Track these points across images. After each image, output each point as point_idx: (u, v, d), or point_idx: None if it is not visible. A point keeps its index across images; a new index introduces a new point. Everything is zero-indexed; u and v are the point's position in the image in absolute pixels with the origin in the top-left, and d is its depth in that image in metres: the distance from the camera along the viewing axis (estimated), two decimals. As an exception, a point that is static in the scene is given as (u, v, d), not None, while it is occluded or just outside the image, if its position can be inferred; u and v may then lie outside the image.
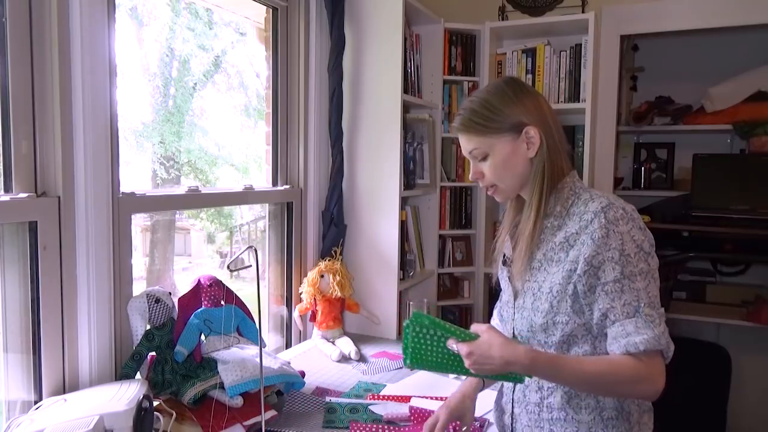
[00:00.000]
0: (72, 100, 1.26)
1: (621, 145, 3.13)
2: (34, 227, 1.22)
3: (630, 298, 1.03)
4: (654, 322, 1.01)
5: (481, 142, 1.16)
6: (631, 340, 1.02)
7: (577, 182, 1.17)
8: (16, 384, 1.25)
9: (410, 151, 2.42)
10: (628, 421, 1.11)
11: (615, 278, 1.04)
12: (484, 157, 1.17)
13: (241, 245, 2.14)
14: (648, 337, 1.01)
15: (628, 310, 1.03)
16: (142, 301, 1.41)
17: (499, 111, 1.14)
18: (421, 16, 2.40)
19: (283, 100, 2.12)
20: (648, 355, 1.02)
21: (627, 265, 1.03)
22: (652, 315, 1.02)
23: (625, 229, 1.04)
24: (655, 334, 1.01)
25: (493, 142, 1.15)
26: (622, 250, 1.03)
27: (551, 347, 1.13)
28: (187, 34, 1.85)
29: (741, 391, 2.91)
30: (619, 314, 1.04)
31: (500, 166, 1.16)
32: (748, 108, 2.81)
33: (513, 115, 1.14)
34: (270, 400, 1.46)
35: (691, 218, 2.77)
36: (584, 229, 1.07)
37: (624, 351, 1.03)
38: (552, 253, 1.13)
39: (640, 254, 1.04)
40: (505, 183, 1.18)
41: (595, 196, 1.11)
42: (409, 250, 2.43)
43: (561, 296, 1.09)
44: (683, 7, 2.54)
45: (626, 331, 1.03)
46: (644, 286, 1.03)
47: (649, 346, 1.01)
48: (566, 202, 1.14)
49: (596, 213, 1.06)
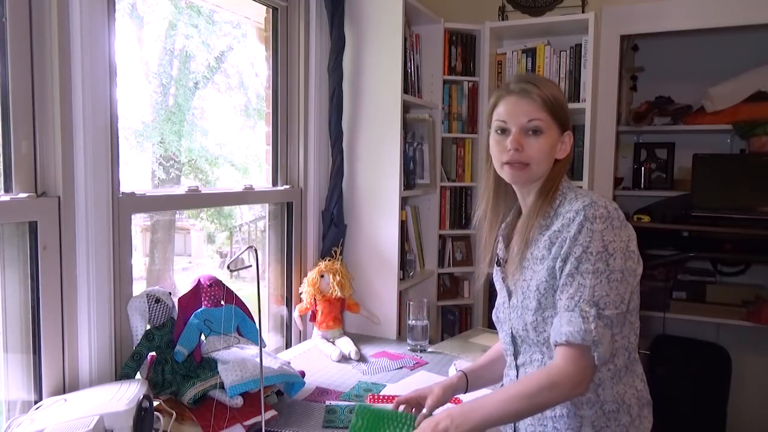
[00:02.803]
0: (72, 100, 1.26)
1: (621, 145, 3.13)
2: (34, 227, 1.22)
3: (574, 293, 1.05)
4: (586, 318, 1.03)
5: (546, 118, 1.16)
6: (559, 331, 1.05)
7: (565, 183, 1.20)
8: (16, 384, 1.24)
9: (410, 151, 2.42)
10: (629, 414, 1.12)
11: (569, 272, 1.07)
12: (537, 133, 1.15)
13: (241, 245, 2.14)
14: (573, 330, 1.03)
15: (568, 303, 1.06)
16: (142, 301, 1.41)
17: (566, 107, 1.20)
18: (421, 16, 2.40)
19: (283, 100, 2.12)
20: (571, 349, 1.04)
21: (584, 262, 1.05)
22: (587, 311, 1.03)
23: (599, 227, 1.06)
24: (581, 329, 1.02)
25: (551, 126, 1.16)
26: (586, 247, 1.05)
27: (544, 345, 1.15)
28: (188, 32, 1.85)
29: (741, 391, 2.91)
30: (562, 306, 1.07)
31: (546, 149, 1.16)
32: (748, 108, 2.81)
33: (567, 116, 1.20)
34: (270, 400, 1.46)
35: (691, 218, 2.77)
36: (566, 227, 1.10)
37: (553, 341, 1.07)
38: (538, 251, 1.15)
39: (602, 254, 1.05)
40: (540, 167, 1.17)
41: (580, 195, 1.14)
42: (409, 250, 2.43)
43: (547, 293, 1.12)
44: (683, 7, 2.54)
45: (560, 322, 1.06)
46: (592, 284, 1.04)
47: (571, 338, 1.03)
48: (554, 203, 1.17)
49: (578, 211, 1.09)
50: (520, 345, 1.22)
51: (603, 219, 1.06)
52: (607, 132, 2.67)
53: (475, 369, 1.39)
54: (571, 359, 1.04)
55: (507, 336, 1.24)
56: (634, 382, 1.14)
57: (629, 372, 1.14)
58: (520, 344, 1.22)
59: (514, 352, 1.24)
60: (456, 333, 2.66)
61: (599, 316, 1.03)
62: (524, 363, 1.21)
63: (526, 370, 1.20)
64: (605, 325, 1.04)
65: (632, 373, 1.15)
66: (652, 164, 3.20)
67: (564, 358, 1.05)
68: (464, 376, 1.36)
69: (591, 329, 1.02)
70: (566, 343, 1.04)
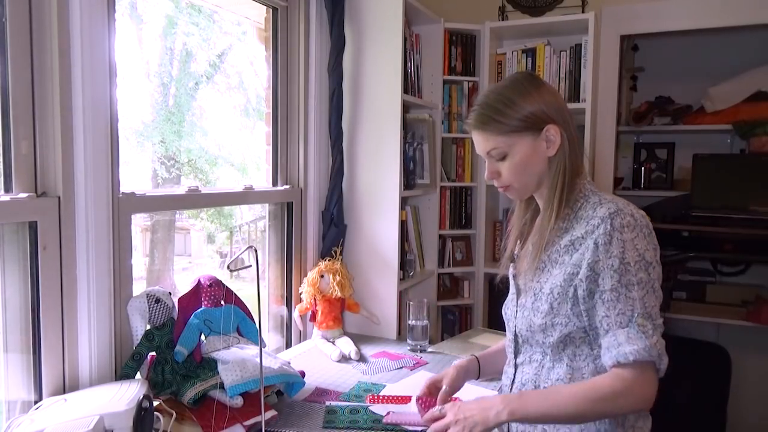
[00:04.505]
0: (72, 100, 1.26)
1: (621, 145, 3.13)
2: (34, 227, 1.22)
3: (624, 308, 1.02)
4: (647, 333, 1.00)
5: (500, 141, 1.11)
6: (622, 350, 1.00)
7: (588, 184, 1.14)
8: (16, 384, 1.24)
9: (410, 151, 2.42)
10: (622, 426, 1.09)
11: (612, 287, 1.02)
12: (503, 157, 1.13)
13: (241, 245, 2.14)
14: (638, 348, 0.99)
15: (621, 319, 1.02)
16: (142, 301, 1.41)
17: (518, 105, 1.09)
18: (421, 16, 2.40)
19: (283, 100, 2.12)
20: (638, 366, 1.00)
21: (625, 274, 1.01)
22: (645, 325, 1.00)
23: (629, 237, 1.02)
24: (645, 345, 0.99)
25: (513, 142, 1.10)
26: (622, 258, 1.02)
27: (549, 348, 1.13)
28: (188, 30, 1.85)
29: (741, 391, 2.91)
30: (612, 323, 1.02)
31: (520, 167, 1.12)
32: (748, 108, 2.81)
33: (535, 113, 1.09)
34: (270, 400, 1.46)
35: (691, 218, 2.77)
36: (590, 233, 1.06)
37: (614, 362, 1.01)
38: (556, 255, 1.12)
39: (640, 263, 1.02)
40: (522, 183, 1.14)
41: (605, 200, 1.09)
42: (409, 250, 2.43)
43: (561, 298, 1.09)
44: (683, 7, 2.54)
45: (618, 341, 1.01)
46: (641, 296, 1.01)
47: (638, 356, 0.99)
48: (575, 205, 1.12)
49: (603, 219, 1.04)
50: (521, 345, 1.21)
51: (631, 228, 1.03)
52: (607, 132, 2.67)
53: (486, 355, 1.38)
54: (638, 375, 1.00)
55: (510, 333, 1.23)
56: None
57: None
58: (521, 344, 1.21)
59: (514, 350, 1.23)
60: (456, 333, 2.66)
61: (655, 328, 1.01)
62: (523, 362, 1.20)
63: (523, 370, 1.19)
64: (660, 335, 1.02)
65: None
66: (652, 164, 3.20)
67: (631, 374, 1.00)
68: (476, 360, 1.34)
69: (654, 343, 1.00)
70: (634, 362, 1.00)
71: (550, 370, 1.13)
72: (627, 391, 1.00)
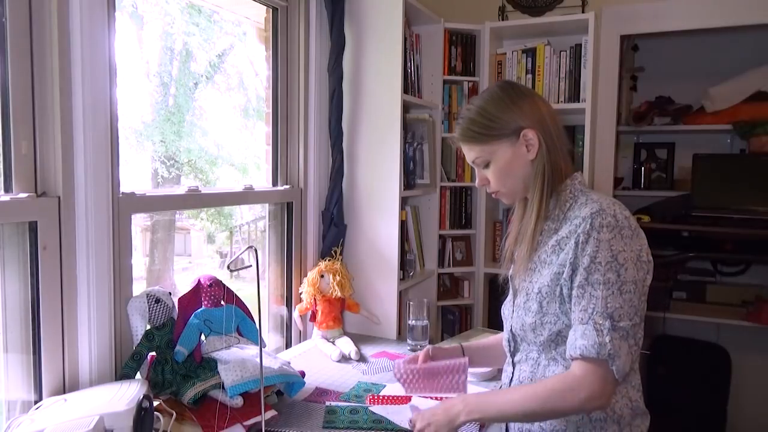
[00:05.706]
0: (72, 100, 1.26)
1: (621, 145, 3.13)
2: (34, 227, 1.22)
3: (587, 305, 1.04)
4: (600, 331, 1.01)
5: (482, 150, 1.18)
6: (572, 345, 1.04)
7: (578, 185, 1.17)
8: (16, 384, 1.24)
9: (410, 151, 2.42)
10: (618, 424, 1.10)
11: (579, 284, 1.05)
12: (487, 165, 1.19)
13: (241, 245, 2.14)
14: (586, 344, 1.02)
15: (582, 316, 1.05)
16: (142, 301, 1.41)
17: (497, 118, 1.16)
18: (421, 16, 2.40)
19: (283, 100, 2.12)
20: (589, 363, 1.02)
21: (593, 272, 1.04)
22: (601, 324, 1.02)
23: (606, 237, 1.04)
24: (595, 342, 1.01)
25: (494, 149, 1.17)
26: (594, 257, 1.04)
27: (539, 346, 1.15)
28: (188, 29, 1.85)
29: (741, 391, 2.91)
30: (575, 319, 1.06)
31: (502, 172, 1.18)
32: (748, 108, 2.81)
33: (510, 120, 1.15)
34: (270, 400, 1.46)
35: (691, 218, 2.77)
36: (573, 233, 1.09)
37: (568, 355, 1.06)
38: (545, 255, 1.15)
39: (611, 264, 1.03)
40: (509, 187, 1.20)
41: (591, 200, 1.11)
42: (409, 250, 2.44)
43: (550, 297, 1.11)
44: (683, 7, 2.54)
45: (575, 335, 1.05)
46: (604, 295, 1.03)
47: (585, 352, 1.01)
48: (564, 206, 1.15)
49: (585, 218, 1.07)
50: (519, 343, 1.23)
51: (610, 228, 1.04)
52: (607, 132, 2.67)
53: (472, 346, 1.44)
54: (587, 371, 1.02)
55: (507, 332, 1.26)
56: (628, 392, 1.12)
57: (624, 382, 1.11)
58: (519, 342, 1.23)
59: (512, 349, 1.25)
60: (456, 333, 2.66)
61: (614, 328, 1.01)
62: (520, 360, 1.22)
63: (521, 368, 1.21)
64: (621, 336, 1.02)
65: (626, 383, 1.12)
66: (652, 164, 3.20)
67: (581, 370, 1.03)
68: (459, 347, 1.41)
69: (606, 342, 1.01)
70: (581, 357, 1.03)
71: (545, 367, 1.16)
72: (575, 386, 1.03)
